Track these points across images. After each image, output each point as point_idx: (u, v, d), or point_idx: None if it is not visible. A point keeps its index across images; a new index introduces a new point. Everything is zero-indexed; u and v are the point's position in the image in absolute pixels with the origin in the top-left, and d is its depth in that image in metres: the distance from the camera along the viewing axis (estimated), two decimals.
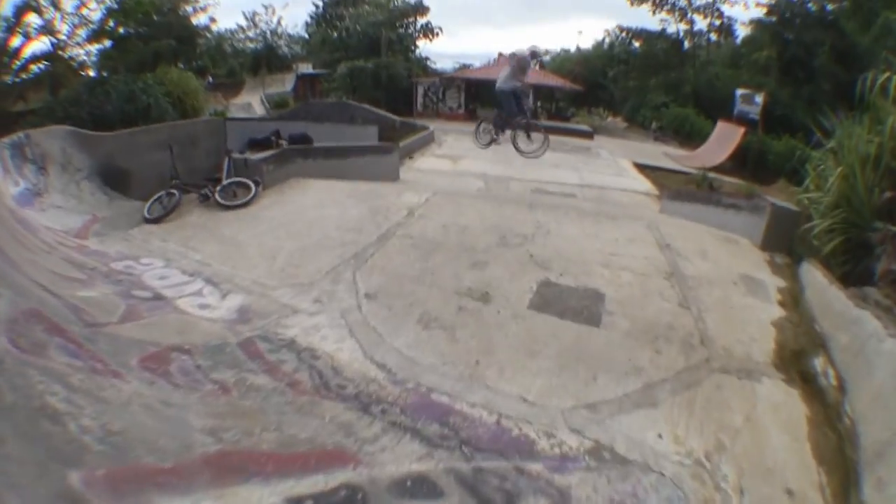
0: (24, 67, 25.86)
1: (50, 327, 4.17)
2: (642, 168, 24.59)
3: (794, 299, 7.02)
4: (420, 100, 44.28)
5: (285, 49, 59.42)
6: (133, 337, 4.70)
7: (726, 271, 7.77)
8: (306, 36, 62.32)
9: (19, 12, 24.66)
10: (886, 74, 7.98)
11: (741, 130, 29.64)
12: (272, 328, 5.32)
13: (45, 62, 26.11)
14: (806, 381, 5.21)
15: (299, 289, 6.33)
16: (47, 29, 26.14)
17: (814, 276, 7.13)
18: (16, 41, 25.19)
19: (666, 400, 4.68)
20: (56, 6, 26.18)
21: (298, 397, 4.13)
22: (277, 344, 4.99)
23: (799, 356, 5.60)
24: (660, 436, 4.21)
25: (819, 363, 5.42)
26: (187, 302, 5.86)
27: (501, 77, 14.28)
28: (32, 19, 25.46)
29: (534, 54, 14.27)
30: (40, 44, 26.50)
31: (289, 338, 5.13)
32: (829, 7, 38.54)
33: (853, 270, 7.21)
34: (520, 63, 14.32)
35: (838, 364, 5.25)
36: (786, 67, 37.82)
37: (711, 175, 23.14)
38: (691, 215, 11.59)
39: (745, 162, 28.44)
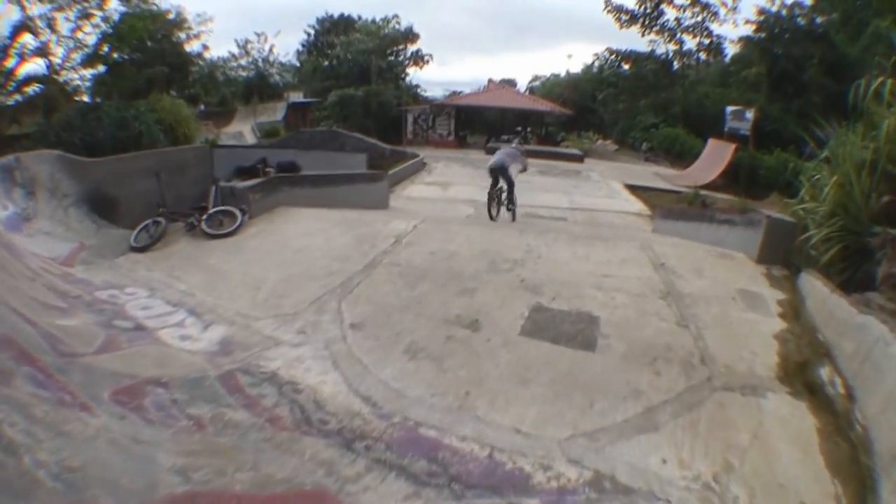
0: (18, 89, 25.82)
1: (19, 355, 4.04)
2: (633, 189, 24.70)
3: (794, 311, 6.95)
4: (410, 127, 44.36)
5: (277, 77, 59.48)
6: (108, 368, 4.56)
7: (723, 287, 7.69)
8: (298, 64, 62.61)
9: (15, 32, 24.67)
10: (880, 80, 7.97)
11: (732, 147, 29.84)
12: (254, 360, 5.16)
13: (40, 85, 26.08)
14: (813, 393, 5.12)
15: (283, 319, 6.19)
16: (42, 51, 26.17)
17: (813, 286, 7.07)
18: (11, 62, 25.19)
19: (668, 423, 4.56)
20: (52, 28, 26.24)
21: (278, 433, 3.96)
22: (259, 377, 4.83)
23: (804, 368, 5.52)
24: (664, 461, 4.08)
25: (825, 373, 5.34)
26: (169, 333, 5.73)
27: (505, 160, 14.64)
28: (28, 40, 25.52)
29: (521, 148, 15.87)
30: (35, 66, 26.54)
31: (271, 370, 4.98)
32: (819, 20, 39.06)
33: (852, 277, 7.17)
34: (513, 156, 14.97)
35: (845, 372, 5.17)
36: (775, 83, 38.19)
37: (704, 193, 23.22)
38: (685, 233, 11.59)
39: (737, 178, 28.54)
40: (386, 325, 6.09)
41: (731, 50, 47.75)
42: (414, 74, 58.94)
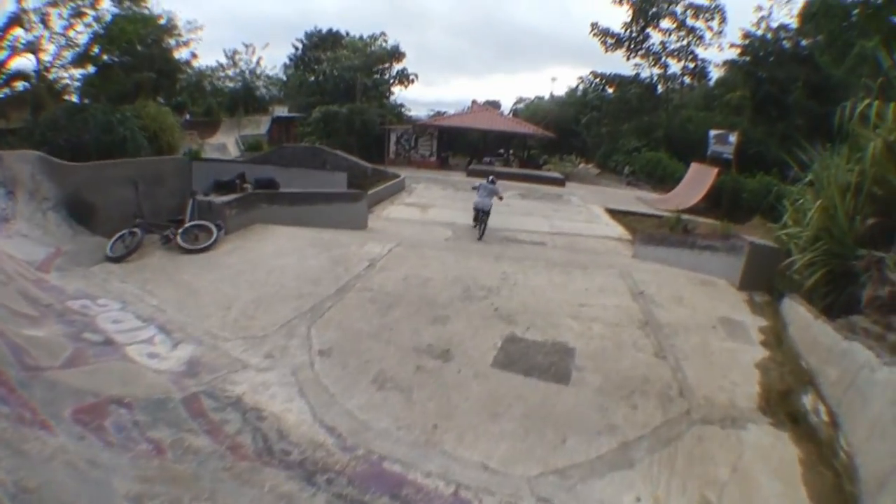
0: (7, 83, 25.64)
1: None
2: (614, 213, 24.54)
3: (777, 338, 6.93)
4: (392, 147, 44.32)
5: (263, 90, 59.28)
6: (72, 385, 4.51)
7: (704, 316, 7.64)
8: (284, 78, 62.50)
9: (9, 24, 24.45)
10: (866, 102, 7.95)
11: (714, 171, 29.77)
12: (219, 384, 5.11)
13: (28, 81, 25.92)
14: (795, 422, 5.10)
15: (252, 342, 6.14)
16: (34, 46, 25.99)
17: (796, 312, 7.06)
18: (2, 54, 24.96)
19: (643, 459, 4.52)
20: (45, 24, 26.06)
21: (238, 462, 3.90)
22: (223, 402, 4.78)
23: (786, 396, 5.50)
24: (638, 499, 4.06)
25: (808, 401, 5.33)
26: (137, 350, 5.67)
27: (489, 202, 17.54)
28: (20, 34, 25.31)
29: (493, 181, 18.59)
30: (26, 60, 26.35)
31: (235, 395, 4.93)
32: (804, 43, 39.42)
33: (836, 300, 7.16)
34: (493, 192, 17.78)
35: (829, 399, 5.17)
36: (759, 106, 38.56)
37: (685, 217, 22.83)
38: (666, 259, 11.56)
39: (719, 202, 28.39)
40: (355, 353, 6.04)
41: (715, 74, 48.47)
42: (399, 94, 59.19)
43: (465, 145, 51.05)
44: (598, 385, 5.65)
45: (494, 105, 64.63)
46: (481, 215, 17.36)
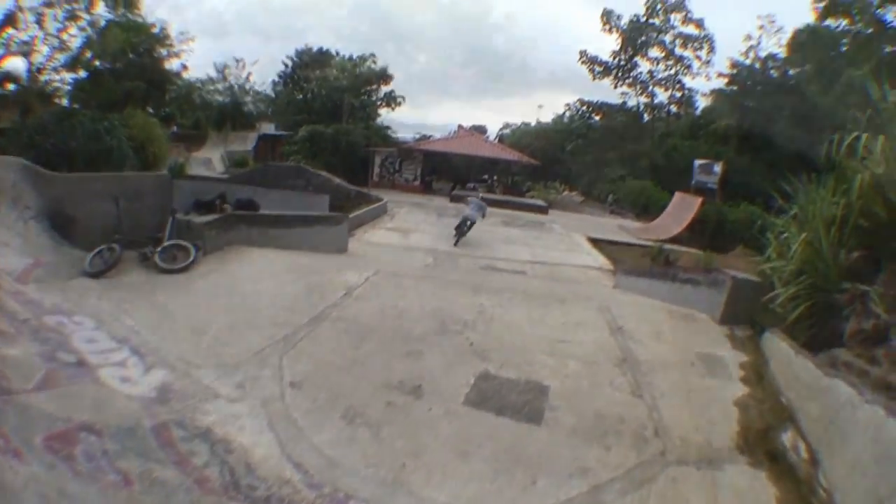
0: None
1: None
2: (597, 242, 24.21)
3: (757, 374, 6.96)
4: (377, 169, 44.01)
5: (251, 106, 59.06)
6: (44, 410, 4.52)
7: (683, 351, 7.65)
8: (272, 95, 62.41)
9: (5, 21, 24.44)
10: (854, 134, 7.92)
11: (698, 201, 29.58)
12: (189, 413, 5.12)
13: (18, 83, 25.86)
14: (774, 460, 5.13)
15: (224, 370, 6.13)
16: (26, 48, 25.96)
17: (778, 347, 7.10)
18: None
19: (615, 502, 4.54)
20: (40, 24, 26.05)
21: (205, 497, 3.94)
22: (192, 432, 4.80)
23: (765, 434, 5.53)
24: None
25: (787, 438, 5.38)
26: (109, 373, 5.69)
27: (476, 216, 20.22)
28: (14, 33, 25.31)
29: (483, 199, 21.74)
30: (19, 61, 26.33)
31: (205, 426, 4.94)
32: (791, 72, 39.77)
33: (819, 334, 7.17)
34: (480, 207, 20.59)
35: (809, 436, 5.21)
36: (745, 135, 38.86)
37: (668, 247, 22.37)
38: (647, 291, 11.47)
39: (703, 231, 28.20)
40: (326, 386, 6.04)
41: (702, 103, 49.01)
42: (385, 115, 59.18)
43: (450, 170, 50.89)
44: (571, 425, 5.67)
45: (480, 130, 64.78)
46: (464, 227, 19.64)
